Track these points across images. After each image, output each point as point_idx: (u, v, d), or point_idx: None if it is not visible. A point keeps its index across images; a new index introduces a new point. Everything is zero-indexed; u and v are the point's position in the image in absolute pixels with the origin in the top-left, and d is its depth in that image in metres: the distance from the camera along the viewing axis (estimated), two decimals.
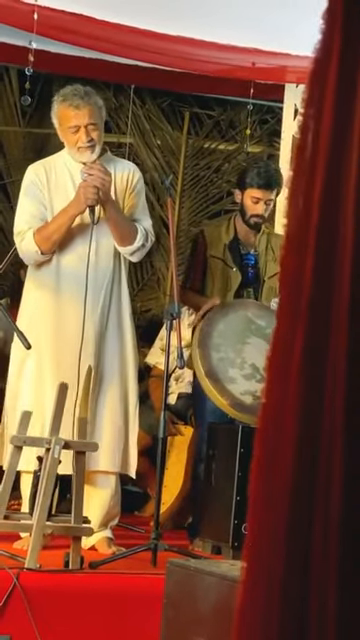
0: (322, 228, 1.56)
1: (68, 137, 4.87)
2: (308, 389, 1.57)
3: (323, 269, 1.57)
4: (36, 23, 5.33)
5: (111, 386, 4.88)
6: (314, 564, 1.54)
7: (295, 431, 1.57)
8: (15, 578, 3.88)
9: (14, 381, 4.90)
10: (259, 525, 1.59)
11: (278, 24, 5.52)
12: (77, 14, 5.54)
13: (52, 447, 4.18)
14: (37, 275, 4.95)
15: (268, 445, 1.59)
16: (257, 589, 1.56)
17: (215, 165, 8.32)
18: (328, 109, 1.59)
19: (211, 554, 4.96)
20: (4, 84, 8.02)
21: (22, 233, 4.87)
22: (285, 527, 1.56)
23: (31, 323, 4.87)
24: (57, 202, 4.88)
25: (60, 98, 4.89)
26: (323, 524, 1.55)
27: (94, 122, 4.84)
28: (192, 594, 3.20)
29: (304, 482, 1.57)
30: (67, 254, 4.88)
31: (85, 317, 4.74)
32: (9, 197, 8.17)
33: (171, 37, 5.80)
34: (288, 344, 1.58)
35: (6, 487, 4.26)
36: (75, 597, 4.04)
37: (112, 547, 4.75)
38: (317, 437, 1.56)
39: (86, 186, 4.74)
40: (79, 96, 4.84)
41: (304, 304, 1.57)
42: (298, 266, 1.57)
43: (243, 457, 4.87)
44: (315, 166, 1.56)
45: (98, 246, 4.87)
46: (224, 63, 6.16)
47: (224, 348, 5.04)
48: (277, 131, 7.53)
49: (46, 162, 5.07)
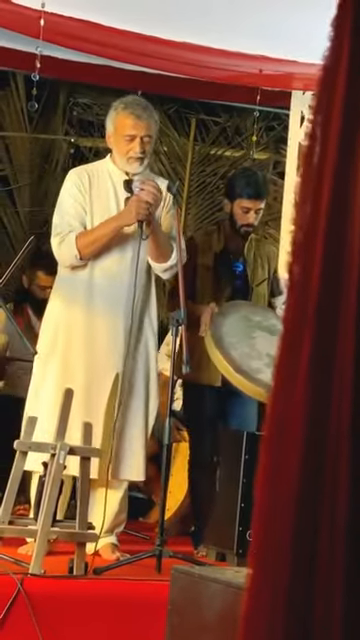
0: (330, 235, 1.56)
1: (121, 145, 4.87)
2: (315, 396, 1.57)
3: (330, 276, 1.57)
4: (43, 29, 5.34)
5: (135, 395, 4.88)
6: (320, 571, 1.54)
7: (302, 438, 1.57)
8: (19, 583, 3.88)
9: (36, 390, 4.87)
10: (265, 532, 1.59)
11: (285, 31, 5.52)
12: (84, 20, 5.54)
13: (57, 453, 4.18)
14: (67, 283, 4.94)
15: (274, 452, 1.59)
16: (262, 596, 1.55)
17: (221, 172, 8.32)
18: (336, 116, 1.58)
19: (215, 561, 4.96)
20: (11, 90, 8.03)
21: (62, 235, 4.85)
22: (291, 534, 1.56)
23: (57, 332, 4.87)
24: (97, 209, 4.88)
25: (121, 105, 4.91)
26: (329, 531, 1.55)
27: (150, 135, 4.86)
28: (197, 601, 3.20)
29: (310, 489, 1.56)
30: (104, 264, 4.87)
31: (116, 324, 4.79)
32: (15, 203, 8.18)
33: (178, 44, 5.81)
34: (295, 350, 1.58)
35: (11, 492, 4.26)
36: (79, 603, 4.03)
37: (116, 553, 4.74)
38: (323, 444, 1.56)
39: (139, 200, 4.73)
40: (141, 107, 4.86)
41: (311, 310, 1.57)
42: (305, 273, 1.57)
43: (248, 463, 4.86)
44: (323, 173, 1.56)
45: (139, 260, 4.86)
46: (231, 70, 6.16)
47: (238, 345, 5.06)
48: (283, 138, 7.52)
49: (89, 168, 5.08)
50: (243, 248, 5.54)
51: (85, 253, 4.81)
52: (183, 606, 3.26)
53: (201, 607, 3.17)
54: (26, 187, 8.19)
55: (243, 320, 5.21)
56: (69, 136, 8.26)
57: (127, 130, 4.84)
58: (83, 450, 4.32)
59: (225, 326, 5.14)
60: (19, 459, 4.29)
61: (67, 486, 4.65)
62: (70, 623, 3.95)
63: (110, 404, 4.79)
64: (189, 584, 3.25)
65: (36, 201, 8.22)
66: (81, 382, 4.77)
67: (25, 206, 8.19)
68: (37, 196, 8.22)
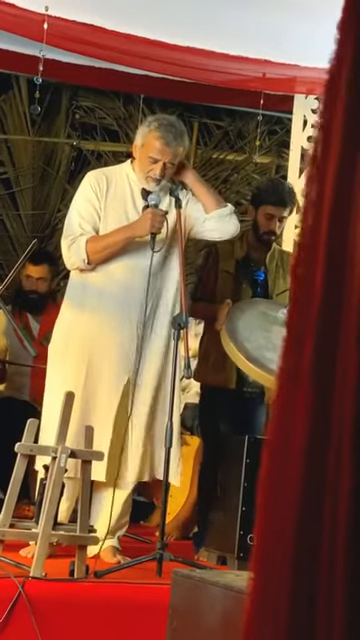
0: (332, 238, 1.57)
1: (143, 162, 4.86)
2: (317, 399, 1.57)
3: (333, 279, 1.57)
4: (46, 33, 5.35)
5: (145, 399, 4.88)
6: (322, 576, 1.54)
7: (304, 442, 1.57)
8: (20, 587, 3.88)
9: (48, 395, 4.87)
10: (267, 536, 1.59)
11: (288, 35, 5.53)
12: (87, 24, 5.55)
13: (58, 456, 4.18)
14: (78, 289, 4.93)
15: (276, 455, 1.59)
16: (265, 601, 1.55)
17: (224, 175, 8.33)
18: (338, 120, 1.59)
19: (216, 564, 4.96)
20: (14, 93, 8.04)
21: (73, 237, 4.83)
22: (293, 538, 1.56)
23: (68, 338, 4.87)
24: (112, 214, 4.87)
25: (155, 124, 4.86)
26: (331, 535, 1.55)
27: (174, 162, 4.86)
28: (197, 604, 3.20)
29: (312, 493, 1.56)
30: (117, 267, 4.87)
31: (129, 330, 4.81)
32: (17, 206, 8.19)
33: (181, 48, 5.82)
34: (297, 354, 1.58)
35: (12, 495, 4.26)
36: (80, 606, 4.03)
37: (117, 556, 4.75)
38: (325, 448, 1.56)
39: (155, 213, 4.74)
40: (174, 135, 4.83)
41: (314, 313, 1.57)
42: (308, 276, 1.58)
43: (249, 468, 4.86)
44: (325, 177, 1.57)
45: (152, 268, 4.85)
46: (234, 74, 6.17)
47: (253, 338, 5.06)
48: (286, 142, 7.54)
49: (108, 171, 5.05)
50: (265, 257, 5.56)
51: (94, 258, 4.80)
52: (184, 609, 3.25)
53: (202, 610, 3.17)
54: (28, 190, 8.20)
55: (260, 315, 5.22)
56: (72, 139, 8.27)
57: (153, 152, 4.83)
58: (84, 453, 4.32)
59: (241, 320, 5.16)
60: (20, 462, 4.29)
61: (76, 489, 4.62)
62: (71, 626, 3.95)
63: (121, 409, 4.78)
64: (190, 587, 3.24)
65: (38, 204, 8.23)
66: (91, 386, 4.77)
67: (27, 209, 8.20)
68: (39, 199, 8.23)
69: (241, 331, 5.10)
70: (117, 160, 7.32)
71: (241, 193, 8.23)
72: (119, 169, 5.04)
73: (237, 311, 5.21)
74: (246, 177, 8.31)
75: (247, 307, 5.28)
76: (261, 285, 5.55)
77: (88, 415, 4.71)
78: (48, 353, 4.97)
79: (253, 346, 5.02)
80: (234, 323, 5.13)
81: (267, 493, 1.57)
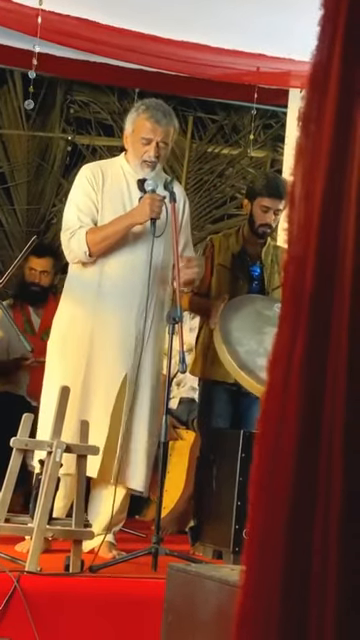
0: (323, 233, 1.56)
1: (137, 147, 4.86)
2: (308, 393, 1.57)
3: (324, 274, 1.57)
4: (40, 27, 5.34)
5: (147, 398, 4.88)
6: (314, 569, 1.54)
7: (295, 435, 1.57)
8: (16, 581, 3.88)
9: (46, 389, 4.87)
10: (259, 530, 1.59)
11: (282, 29, 5.52)
12: (81, 18, 5.55)
13: (54, 450, 4.18)
14: (78, 282, 4.93)
15: (268, 450, 1.59)
16: (256, 594, 1.55)
17: (218, 169, 8.33)
18: (330, 113, 1.59)
19: (212, 559, 4.96)
20: (8, 87, 8.03)
21: (72, 230, 4.83)
22: (285, 532, 1.56)
23: (67, 332, 4.87)
24: (108, 206, 4.87)
25: (142, 107, 4.89)
26: (323, 528, 1.55)
27: (166, 142, 4.86)
28: (192, 599, 3.20)
29: (304, 486, 1.57)
30: (114, 262, 4.86)
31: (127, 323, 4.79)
32: (12, 200, 8.18)
33: (175, 42, 5.81)
34: (288, 348, 1.58)
35: (7, 490, 4.26)
36: (75, 601, 4.03)
37: (113, 551, 4.75)
38: (316, 442, 1.56)
39: (154, 198, 4.73)
40: (163, 113, 4.85)
41: (305, 308, 1.57)
42: (299, 271, 1.57)
43: (244, 462, 4.87)
44: (316, 171, 1.56)
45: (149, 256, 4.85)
46: (228, 68, 6.16)
47: (246, 341, 5.06)
48: (281, 136, 7.54)
49: (103, 164, 5.06)
50: (261, 252, 5.56)
51: (95, 250, 4.80)
52: (179, 604, 3.26)
53: (197, 605, 3.17)
54: (23, 185, 8.20)
55: (254, 315, 5.21)
56: (66, 134, 8.26)
57: (145, 133, 4.83)
58: (80, 448, 4.32)
59: (235, 321, 5.15)
60: (16, 456, 4.29)
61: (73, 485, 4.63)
62: (66, 620, 3.95)
63: (118, 405, 4.78)
64: (185, 582, 3.24)
65: (33, 199, 8.22)
66: (89, 381, 4.77)
67: (22, 204, 8.19)
68: (34, 194, 8.22)
69: (234, 333, 5.09)
70: (112, 154, 7.30)
71: (236, 187, 8.23)
72: (114, 162, 5.05)
73: (232, 310, 5.20)
74: (241, 171, 8.30)
75: (242, 306, 5.27)
76: (257, 280, 5.55)
77: (86, 411, 4.70)
78: (47, 348, 4.97)
79: (245, 350, 5.02)
80: (228, 324, 5.12)
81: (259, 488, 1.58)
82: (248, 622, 1.55)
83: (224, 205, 8.33)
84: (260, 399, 5.10)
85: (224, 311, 5.18)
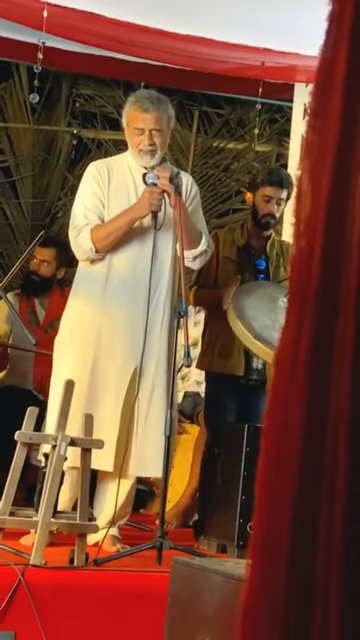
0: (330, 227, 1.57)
1: (132, 138, 4.88)
2: (313, 389, 1.57)
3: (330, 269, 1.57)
4: (46, 21, 5.34)
5: (157, 391, 4.87)
6: (319, 563, 1.54)
7: (301, 429, 1.57)
8: (20, 574, 3.88)
9: (54, 383, 4.88)
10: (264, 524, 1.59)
11: (288, 24, 5.51)
12: (87, 12, 5.54)
13: (58, 444, 4.18)
14: (86, 278, 4.93)
15: (274, 445, 1.59)
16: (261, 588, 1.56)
17: (224, 164, 8.33)
18: (336, 108, 1.59)
19: (216, 553, 4.96)
20: (14, 81, 8.03)
21: (79, 227, 4.85)
22: (290, 526, 1.56)
23: (75, 327, 4.87)
24: (115, 202, 4.87)
25: (132, 99, 4.92)
26: (328, 523, 1.55)
27: (159, 128, 4.85)
28: (197, 592, 3.20)
29: (309, 482, 1.57)
30: (121, 255, 4.86)
31: (134, 317, 4.77)
32: (17, 194, 8.18)
33: (181, 36, 5.81)
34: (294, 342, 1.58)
35: (12, 483, 4.27)
36: (80, 594, 4.04)
37: (117, 545, 4.75)
38: (322, 437, 1.56)
39: (152, 191, 4.73)
40: (150, 100, 4.86)
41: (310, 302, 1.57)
42: (306, 265, 1.58)
43: (249, 456, 4.87)
44: (323, 165, 1.57)
45: (156, 250, 4.86)
46: (234, 62, 6.16)
47: (260, 317, 5.06)
48: (286, 130, 7.53)
49: (109, 161, 5.09)
50: (265, 246, 5.56)
51: (101, 246, 4.81)
52: (183, 597, 3.26)
53: (201, 598, 3.18)
54: (28, 178, 8.20)
55: (267, 298, 5.20)
56: (71, 127, 8.26)
57: (135, 123, 4.85)
58: (84, 441, 4.32)
59: (248, 300, 5.15)
60: (20, 450, 4.30)
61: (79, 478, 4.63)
62: (70, 614, 3.96)
63: (128, 399, 4.79)
64: (189, 575, 3.25)
65: (39, 192, 8.22)
66: (97, 376, 4.77)
67: (27, 197, 8.19)
68: (39, 187, 8.23)
69: (248, 310, 5.09)
70: (117, 148, 7.31)
71: (241, 181, 8.23)
72: (120, 158, 5.07)
73: (243, 292, 5.21)
74: (246, 165, 8.30)
75: (254, 289, 5.27)
76: (263, 273, 5.55)
77: (94, 405, 4.71)
78: (54, 344, 4.97)
79: (260, 325, 5.01)
80: (241, 302, 5.12)
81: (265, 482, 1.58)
82: (253, 616, 1.55)
83: (229, 199, 8.32)
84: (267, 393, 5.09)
85: (236, 293, 5.18)
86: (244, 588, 1.57)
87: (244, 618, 1.56)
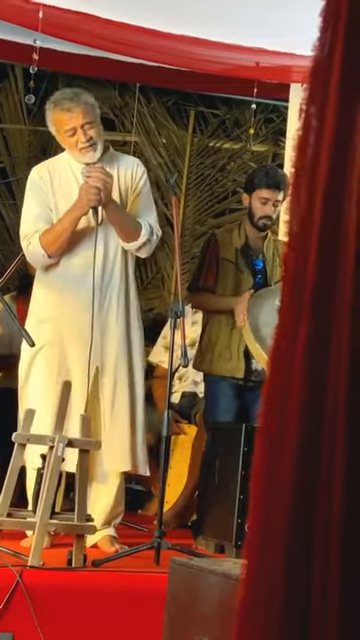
0: (325, 226, 1.56)
1: (67, 141, 4.87)
2: (310, 386, 1.57)
3: (326, 266, 1.57)
4: (41, 22, 5.34)
5: (119, 386, 4.87)
6: (316, 562, 1.54)
7: (297, 429, 1.57)
8: (18, 576, 3.88)
9: (23, 384, 4.91)
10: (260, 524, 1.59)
11: (283, 23, 5.51)
12: (82, 13, 5.54)
13: (55, 445, 4.18)
14: (44, 277, 4.94)
15: (269, 444, 1.59)
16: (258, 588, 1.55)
17: (220, 164, 8.32)
18: (331, 107, 1.58)
19: (214, 553, 4.96)
20: (9, 82, 8.03)
21: (28, 237, 4.85)
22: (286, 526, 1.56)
23: (39, 324, 4.87)
24: (62, 203, 4.86)
25: (51, 105, 4.91)
26: (325, 522, 1.55)
27: (89, 121, 4.83)
28: (195, 593, 3.20)
29: (306, 480, 1.57)
30: (74, 256, 4.86)
31: (93, 318, 4.73)
32: (14, 195, 8.18)
33: (175, 36, 5.80)
34: (290, 341, 1.58)
35: (9, 485, 4.26)
36: (78, 595, 4.04)
37: (115, 545, 4.75)
38: (319, 434, 1.56)
39: (87, 187, 4.72)
40: (68, 99, 4.84)
41: (306, 301, 1.57)
42: (300, 264, 1.57)
43: (246, 456, 4.87)
44: (318, 164, 1.56)
45: (106, 247, 4.86)
46: (228, 63, 6.15)
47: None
48: (282, 130, 7.53)
49: (49, 163, 5.07)
50: (262, 246, 5.56)
51: (52, 250, 4.81)
52: (181, 597, 3.26)
53: (199, 598, 3.18)
54: (24, 179, 8.15)
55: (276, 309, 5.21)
56: None
57: (64, 126, 4.84)
58: (82, 442, 4.32)
59: (261, 314, 5.15)
60: (17, 451, 4.29)
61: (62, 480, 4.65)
62: (69, 615, 3.96)
63: (93, 398, 4.78)
64: (187, 576, 3.25)
65: None
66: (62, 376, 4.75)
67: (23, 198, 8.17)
68: None
69: (262, 329, 5.10)
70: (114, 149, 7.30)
71: (238, 181, 8.22)
72: (60, 159, 5.05)
73: (257, 305, 5.21)
74: (243, 165, 8.29)
75: (265, 300, 5.26)
76: (260, 273, 5.55)
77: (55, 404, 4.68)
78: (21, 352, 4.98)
79: None
80: (256, 320, 5.13)
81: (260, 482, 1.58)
82: (249, 616, 1.55)
83: (226, 199, 8.32)
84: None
85: (250, 308, 5.18)
86: (240, 588, 1.57)
87: (241, 619, 1.56)
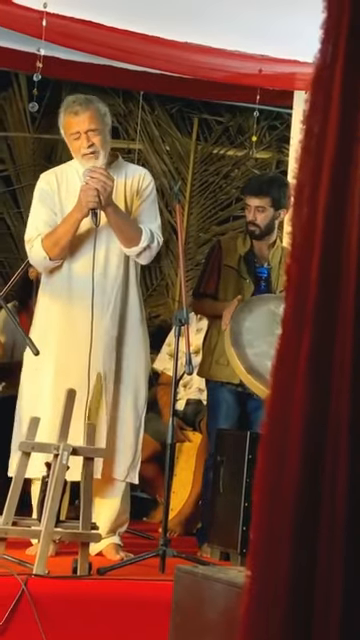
0: (327, 235, 1.56)
1: (72, 144, 4.89)
2: (314, 395, 1.57)
3: (328, 276, 1.57)
4: (45, 30, 5.35)
5: (122, 393, 4.87)
6: (319, 573, 1.54)
7: (300, 438, 1.57)
8: (23, 584, 3.88)
9: (27, 389, 4.90)
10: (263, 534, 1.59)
11: (287, 31, 5.52)
12: (86, 21, 5.55)
13: (60, 453, 4.18)
14: (49, 281, 4.95)
15: (272, 454, 1.59)
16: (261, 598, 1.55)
17: (224, 171, 8.32)
18: (333, 115, 1.58)
19: (219, 560, 4.95)
20: (13, 90, 8.04)
21: (31, 240, 4.87)
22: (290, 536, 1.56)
23: (44, 330, 4.87)
24: (68, 209, 4.87)
25: (62, 107, 4.92)
26: (328, 532, 1.55)
27: (94, 128, 4.84)
28: (200, 601, 3.19)
29: (309, 488, 1.56)
30: (77, 259, 4.87)
31: (94, 322, 4.72)
32: (18, 203, 8.18)
33: (179, 44, 5.81)
34: (293, 351, 1.58)
35: (14, 494, 4.26)
36: (83, 603, 4.03)
37: (120, 553, 4.75)
38: (322, 444, 1.56)
39: (86, 189, 4.74)
40: (78, 103, 4.86)
41: (309, 311, 1.57)
42: (303, 273, 1.57)
43: (251, 463, 4.86)
44: (320, 173, 1.56)
45: (108, 250, 4.86)
46: (232, 70, 6.16)
47: (257, 343, 5.03)
48: (286, 137, 7.53)
49: (57, 170, 5.08)
50: (269, 254, 5.55)
51: (53, 253, 4.81)
52: (186, 606, 3.25)
53: (204, 606, 3.17)
54: (29, 187, 8.17)
55: (268, 315, 5.17)
56: None
57: (71, 129, 4.85)
58: (86, 450, 4.32)
59: (247, 321, 5.13)
60: (22, 460, 4.29)
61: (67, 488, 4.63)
62: (74, 623, 3.96)
63: (94, 405, 4.77)
64: (192, 584, 3.24)
65: None
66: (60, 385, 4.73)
67: (28, 207, 8.17)
68: None
69: (245, 335, 5.07)
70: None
71: (241, 189, 8.23)
72: (68, 166, 5.06)
73: (245, 311, 5.18)
74: (246, 172, 8.29)
75: (256, 306, 5.23)
76: (265, 281, 5.54)
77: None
78: (23, 358, 4.98)
79: (255, 352, 4.98)
80: (239, 326, 5.10)
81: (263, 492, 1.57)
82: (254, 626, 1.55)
83: (229, 207, 8.32)
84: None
85: (237, 312, 5.16)
86: (244, 598, 1.57)
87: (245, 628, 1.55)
